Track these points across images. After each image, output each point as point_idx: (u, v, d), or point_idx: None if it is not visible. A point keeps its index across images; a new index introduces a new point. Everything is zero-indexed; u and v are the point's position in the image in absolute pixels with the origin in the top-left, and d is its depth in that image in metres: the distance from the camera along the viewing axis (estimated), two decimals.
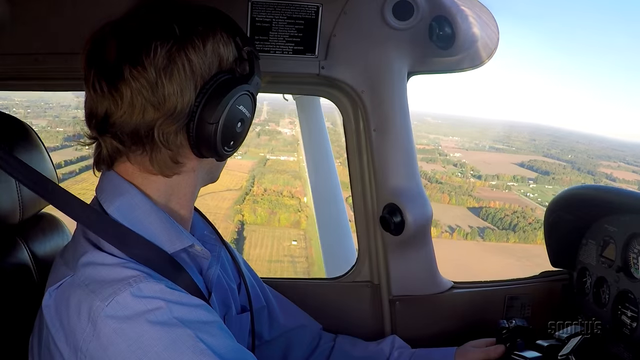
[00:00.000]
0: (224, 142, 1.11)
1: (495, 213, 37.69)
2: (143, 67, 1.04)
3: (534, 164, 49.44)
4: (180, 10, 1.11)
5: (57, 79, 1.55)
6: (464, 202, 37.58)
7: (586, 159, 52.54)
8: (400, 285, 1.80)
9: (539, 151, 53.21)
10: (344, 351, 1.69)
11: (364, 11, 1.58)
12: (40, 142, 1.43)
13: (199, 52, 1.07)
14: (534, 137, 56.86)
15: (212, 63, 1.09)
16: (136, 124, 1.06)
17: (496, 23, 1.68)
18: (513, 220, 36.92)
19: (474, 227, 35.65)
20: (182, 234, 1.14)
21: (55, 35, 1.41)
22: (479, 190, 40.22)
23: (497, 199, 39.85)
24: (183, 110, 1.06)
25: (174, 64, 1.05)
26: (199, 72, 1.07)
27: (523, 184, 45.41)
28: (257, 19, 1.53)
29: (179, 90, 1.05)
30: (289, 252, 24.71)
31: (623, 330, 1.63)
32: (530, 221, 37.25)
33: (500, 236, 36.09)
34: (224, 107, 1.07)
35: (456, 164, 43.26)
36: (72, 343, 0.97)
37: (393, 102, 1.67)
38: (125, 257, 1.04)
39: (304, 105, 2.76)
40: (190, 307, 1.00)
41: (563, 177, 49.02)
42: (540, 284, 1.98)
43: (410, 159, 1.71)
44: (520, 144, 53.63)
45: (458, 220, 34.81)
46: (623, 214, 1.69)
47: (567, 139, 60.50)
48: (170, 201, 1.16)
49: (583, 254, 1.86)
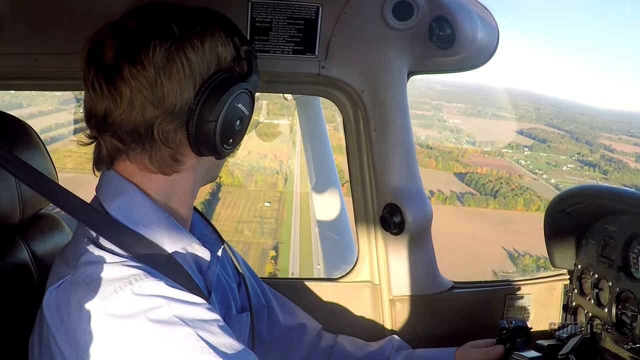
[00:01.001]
0: (223, 140, 1.12)
1: (479, 179, 37.77)
2: (142, 66, 1.04)
3: (533, 131, 49.67)
4: (178, 10, 1.12)
5: (57, 79, 1.55)
6: (450, 168, 37.68)
7: (587, 130, 52.81)
8: (400, 285, 1.80)
9: (542, 120, 53.54)
10: (344, 351, 1.69)
11: (364, 11, 1.58)
12: (40, 141, 1.43)
13: (197, 51, 1.08)
14: (539, 107, 57.11)
15: (211, 62, 1.10)
16: (136, 123, 1.07)
17: (496, 23, 1.69)
18: (496, 186, 37.01)
19: (456, 192, 35.69)
20: (181, 232, 1.14)
21: (55, 35, 1.41)
22: (470, 156, 40.22)
23: (486, 165, 39.93)
24: (182, 108, 1.07)
25: (173, 63, 1.05)
26: (197, 71, 1.08)
27: (517, 151, 45.45)
28: (257, 19, 1.54)
29: (178, 88, 1.06)
30: (261, 213, 24.79)
31: (623, 330, 1.63)
32: (512, 187, 37.27)
33: (480, 201, 36.11)
34: (223, 105, 1.08)
35: (453, 130, 43.26)
36: (72, 341, 0.98)
37: (393, 102, 1.67)
38: (126, 255, 1.04)
39: (304, 105, 2.76)
40: (191, 305, 1.00)
41: (559, 145, 49.21)
42: (541, 284, 1.98)
43: (410, 159, 1.71)
44: (524, 112, 53.77)
45: (441, 185, 34.83)
46: (623, 214, 1.69)
47: (572, 110, 60.81)
48: (169, 200, 1.17)
49: (583, 254, 1.86)
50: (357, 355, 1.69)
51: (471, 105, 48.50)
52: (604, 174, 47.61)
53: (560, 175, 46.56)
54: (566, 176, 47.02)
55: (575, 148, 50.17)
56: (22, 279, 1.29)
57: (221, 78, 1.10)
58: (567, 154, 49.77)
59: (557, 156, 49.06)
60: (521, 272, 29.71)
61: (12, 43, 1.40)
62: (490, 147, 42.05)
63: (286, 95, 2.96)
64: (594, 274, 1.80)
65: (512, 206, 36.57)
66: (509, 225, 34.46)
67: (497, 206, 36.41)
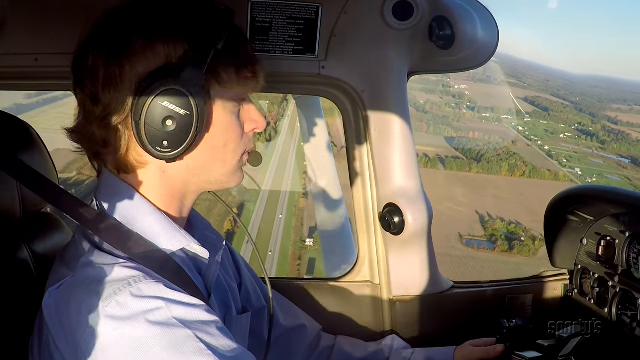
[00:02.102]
0: (154, 141, 1.05)
1: (467, 142, 37.69)
2: (82, 76, 1.08)
3: (537, 99, 49.88)
4: (123, 14, 1.10)
5: (57, 79, 1.55)
6: (442, 132, 37.62)
7: (594, 102, 52.90)
8: (400, 285, 1.80)
9: (548, 90, 53.57)
10: (344, 351, 1.69)
11: (364, 11, 1.58)
12: (41, 142, 1.43)
13: (131, 53, 1.05)
14: (548, 79, 57.44)
15: (150, 62, 1.05)
16: (88, 130, 1.10)
17: (496, 23, 1.68)
18: (482, 150, 36.96)
19: (441, 156, 35.65)
20: (180, 234, 1.14)
21: (55, 35, 1.41)
22: (467, 121, 40.20)
23: (481, 130, 40.03)
24: (120, 110, 1.06)
25: (107, 70, 1.05)
26: (133, 74, 1.04)
27: (517, 117, 45.86)
28: (257, 19, 1.53)
29: (114, 94, 1.05)
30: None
31: (623, 330, 1.63)
32: (499, 152, 37.25)
33: (463, 165, 36.13)
34: (144, 103, 1.03)
35: (455, 95, 43.33)
36: (72, 343, 0.98)
37: (393, 102, 1.67)
38: (125, 257, 1.04)
39: (304, 105, 2.75)
40: (190, 307, 1.00)
41: (560, 114, 49.70)
42: (541, 284, 1.98)
43: (410, 158, 1.71)
44: (532, 81, 53.90)
45: (428, 148, 34.72)
46: (623, 214, 1.69)
47: (583, 84, 61.19)
48: (159, 201, 1.16)
49: (583, 254, 1.86)
50: (356, 355, 1.69)
51: (481, 69, 49.17)
52: (602, 143, 48.11)
53: (556, 143, 46.80)
54: (562, 144, 47.34)
55: (577, 118, 50.63)
56: (23, 278, 1.29)
57: (151, 75, 1.04)
58: (567, 123, 50.16)
59: (556, 124, 49.40)
60: (489, 237, 29.57)
61: (12, 43, 1.40)
62: (490, 112, 42.04)
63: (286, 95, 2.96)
64: (594, 274, 1.80)
65: (496, 171, 36.59)
66: (489, 189, 34.39)
67: (480, 170, 36.41)
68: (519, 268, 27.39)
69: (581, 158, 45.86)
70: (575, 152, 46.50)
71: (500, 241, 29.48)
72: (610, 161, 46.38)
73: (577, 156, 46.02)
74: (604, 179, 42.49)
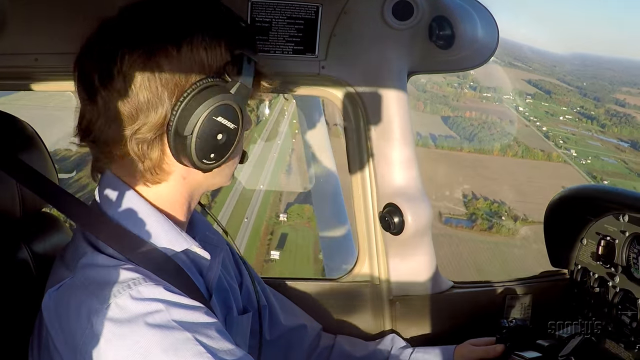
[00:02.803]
0: (202, 155, 1.05)
1: (461, 122, 37.65)
2: (111, 77, 1.01)
3: (540, 83, 50.37)
4: (159, 12, 1.06)
5: (57, 79, 1.55)
6: (439, 111, 37.62)
7: (605, 85, 53.18)
8: (400, 285, 1.80)
9: (555, 75, 53.76)
10: (344, 351, 1.69)
11: (364, 11, 1.58)
12: (41, 142, 1.42)
13: (172, 59, 1.02)
14: (555, 64, 57.80)
15: (192, 69, 1.03)
16: (113, 135, 1.05)
17: (496, 23, 1.68)
18: (476, 129, 36.88)
19: (434, 135, 35.42)
20: (181, 236, 1.14)
21: (55, 35, 1.41)
22: (467, 100, 40.23)
23: (479, 109, 40.15)
24: (157, 120, 1.03)
25: (144, 73, 1.00)
26: (173, 81, 1.02)
27: (520, 98, 45.83)
28: (257, 19, 1.53)
29: (151, 100, 1.01)
30: None
31: (623, 330, 1.63)
32: (492, 132, 37.19)
33: (455, 144, 35.98)
34: (197, 119, 1.01)
35: (459, 75, 43.62)
36: (71, 345, 0.97)
37: (393, 102, 1.67)
38: (125, 258, 1.04)
39: (304, 105, 2.75)
40: (190, 309, 1.00)
41: (562, 97, 50.24)
42: (541, 284, 1.98)
43: (410, 158, 1.71)
44: (538, 66, 54.30)
45: (423, 127, 34.70)
46: (623, 214, 1.69)
47: (596, 66, 61.67)
48: (166, 205, 1.15)
49: (583, 254, 1.86)
50: (356, 355, 1.69)
51: None
52: (602, 127, 48.39)
53: (555, 125, 47.20)
54: (561, 125, 47.75)
55: (579, 102, 50.50)
56: (22, 278, 1.29)
57: (200, 88, 1.02)
58: (569, 105, 50.46)
59: (558, 107, 49.67)
60: (469, 215, 29.46)
61: (12, 43, 1.40)
62: (492, 92, 42.09)
63: (286, 95, 2.95)
64: (594, 274, 1.80)
65: (488, 151, 36.48)
66: (479, 169, 34.26)
67: (472, 150, 36.29)
68: (496, 247, 27.35)
69: (579, 140, 45.94)
70: (573, 134, 46.70)
71: (480, 220, 29.17)
72: (609, 144, 46.44)
73: (575, 138, 46.18)
74: (599, 161, 42.42)
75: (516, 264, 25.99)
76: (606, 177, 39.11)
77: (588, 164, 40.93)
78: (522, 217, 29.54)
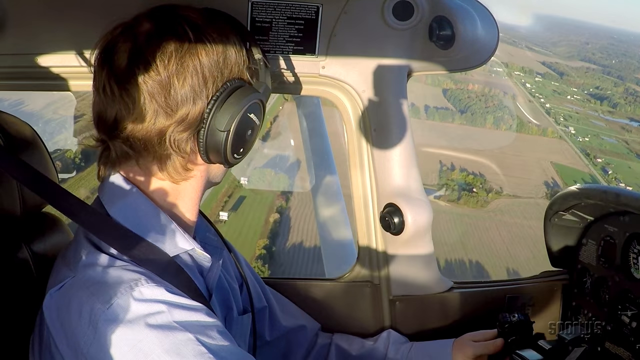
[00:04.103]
0: (234, 150, 1.11)
1: (459, 94, 37.54)
2: (156, 72, 1.02)
3: (554, 65, 51.34)
4: (192, 14, 1.10)
5: (57, 79, 1.55)
6: (441, 84, 37.56)
7: (632, 63, 54.34)
8: (400, 285, 1.80)
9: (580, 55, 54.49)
10: (341, 349, 1.69)
11: (364, 11, 1.58)
12: (41, 142, 1.42)
13: (211, 57, 1.06)
14: (589, 41, 58.31)
15: (224, 69, 1.08)
16: (147, 130, 1.05)
17: (496, 23, 1.68)
18: (471, 102, 36.80)
19: (429, 106, 35.24)
20: (184, 237, 1.14)
21: (55, 35, 1.41)
22: (475, 73, 40.01)
23: (483, 82, 40.01)
24: (195, 116, 1.06)
25: (187, 69, 1.04)
26: (211, 78, 1.06)
27: (530, 76, 46.74)
28: (257, 19, 1.53)
29: (191, 96, 1.05)
30: None
31: (623, 330, 1.63)
32: (488, 105, 37.17)
33: (446, 116, 35.76)
34: (236, 115, 1.07)
35: None
36: (73, 345, 0.97)
37: (393, 102, 1.67)
38: (126, 259, 1.04)
39: (304, 105, 2.75)
40: (191, 310, 1.00)
41: (576, 79, 50.99)
42: (541, 284, 1.98)
43: (410, 159, 1.71)
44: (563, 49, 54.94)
45: (419, 99, 34.41)
46: (623, 214, 1.69)
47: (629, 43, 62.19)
48: (175, 206, 1.16)
49: (583, 254, 1.86)
50: (353, 352, 1.69)
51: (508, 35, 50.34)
52: (613, 107, 48.68)
53: (560, 102, 47.21)
54: (565, 104, 47.60)
55: (596, 82, 50.59)
56: (23, 278, 1.29)
57: (234, 86, 1.09)
58: (580, 87, 50.45)
59: (568, 87, 49.73)
60: (440, 186, 29.13)
61: (12, 43, 1.40)
62: (502, 68, 42.18)
63: (286, 95, 2.96)
64: (594, 274, 1.80)
65: (480, 123, 36.32)
66: (466, 141, 34.01)
67: (464, 122, 36.12)
68: (459, 218, 27.32)
69: (581, 119, 46.08)
70: (577, 113, 46.86)
71: (450, 191, 29.12)
72: (615, 124, 46.63)
73: (578, 117, 46.36)
74: (598, 139, 42.57)
75: (477, 235, 25.77)
76: (601, 155, 39.09)
77: (585, 142, 41.08)
78: (496, 190, 29.44)
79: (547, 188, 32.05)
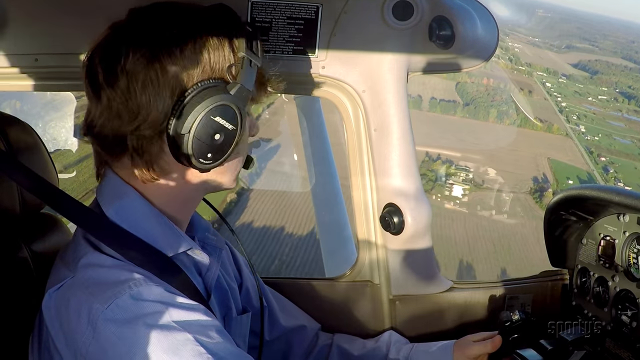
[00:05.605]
0: (199, 154, 1.06)
1: (468, 87, 37.33)
2: (115, 75, 1.03)
3: (589, 64, 50.86)
4: (166, 14, 1.08)
5: (57, 79, 1.55)
6: (456, 77, 37.64)
7: None
8: (400, 285, 1.80)
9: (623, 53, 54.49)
10: (342, 349, 1.69)
11: (364, 11, 1.58)
12: (41, 143, 1.42)
13: (175, 59, 1.03)
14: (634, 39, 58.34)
15: (195, 70, 1.05)
16: (113, 130, 1.06)
17: (496, 23, 1.68)
18: (477, 96, 36.53)
19: (435, 98, 34.95)
20: (181, 237, 1.14)
21: (55, 35, 1.41)
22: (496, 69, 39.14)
23: (497, 77, 39.67)
24: (158, 118, 1.04)
25: (147, 72, 1.02)
26: (176, 81, 1.04)
27: (554, 77, 46.77)
28: (257, 19, 1.53)
29: (152, 99, 1.03)
30: None
31: (623, 330, 1.63)
32: (492, 100, 36.88)
33: (448, 108, 35.34)
34: (195, 118, 1.03)
35: (502, 48, 43.28)
36: (71, 345, 0.98)
37: (393, 102, 1.67)
38: (125, 259, 1.04)
39: (304, 105, 2.75)
40: (190, 310, 1.00)
41: (610, 77, 50.35)
42: (540, 284, 1.98)
43: (410, 158, 1.71)
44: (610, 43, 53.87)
45: (427, 91, 34.06)
46: (623, 214, 1.69)
47: None
48: (168, 205, 1.16)
49: (583, 254, 1.86)
50: (354, 353, 1.69)
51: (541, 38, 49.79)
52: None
53: (579, 103, 46.74)
54: (584, 104, 47.32)
55: (629, 81, 50.39)
56: (22, 279, 1.29)
57: (201, 88, 1.04)
58: (610, 86, 49.66)
59: (597, 87, 49.04)
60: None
61: (12, 43, 1.40)
62: (525, 67, 41.71)
63: (285, 95, 2.96)
64: (594, 274, 1.80)
65: (482, 117, 36.06)
66: (463, 134, 33.66)
67: (465, 115, 35.82)
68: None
69: (597, 119, 45.61)
70: (594, 113, 46.36)
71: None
72: (636, 124, 46.18)
73: (594, 117, 45.96)
74: (610, 139, 42.13)
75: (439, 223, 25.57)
76: (606, 154, 38.72)
77: (594, 141, 40.70)
78: (477, 183, 29.29)
79: (534, 183, 31.71)
